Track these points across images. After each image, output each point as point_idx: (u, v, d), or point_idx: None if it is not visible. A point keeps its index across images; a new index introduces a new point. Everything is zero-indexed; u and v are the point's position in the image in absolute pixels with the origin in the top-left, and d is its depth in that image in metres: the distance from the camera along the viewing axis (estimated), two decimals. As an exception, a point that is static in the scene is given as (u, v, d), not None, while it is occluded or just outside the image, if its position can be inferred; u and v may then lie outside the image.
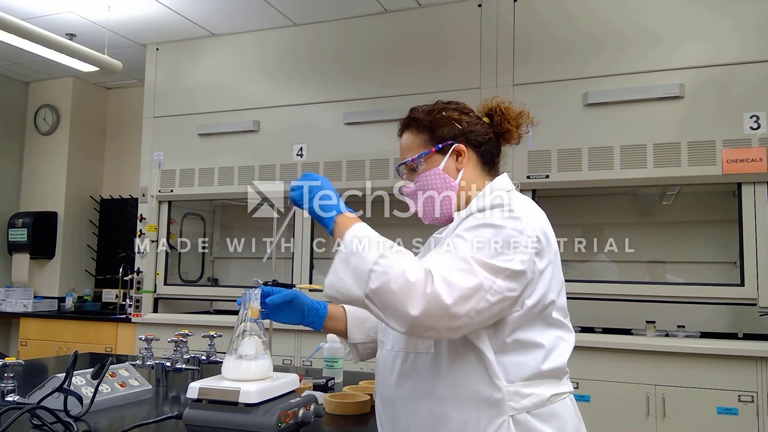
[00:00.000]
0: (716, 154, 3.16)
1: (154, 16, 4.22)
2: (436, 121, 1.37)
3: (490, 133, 1.39)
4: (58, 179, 5.41)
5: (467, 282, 1.07)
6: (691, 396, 3.03)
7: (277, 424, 1.24)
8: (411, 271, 1.06)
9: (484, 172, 1.38)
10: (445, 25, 3.84)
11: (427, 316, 1.05)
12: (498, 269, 1.11)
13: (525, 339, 1.20)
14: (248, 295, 1.37)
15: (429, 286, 1.05)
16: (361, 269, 1.10)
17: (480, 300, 1.08)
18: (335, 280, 1.14)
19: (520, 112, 1.41)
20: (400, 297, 1.05)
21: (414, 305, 1.04)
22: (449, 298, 1.05)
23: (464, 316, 1.07)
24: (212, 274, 4.97)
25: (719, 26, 3.26)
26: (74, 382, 1.51)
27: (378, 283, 1.07)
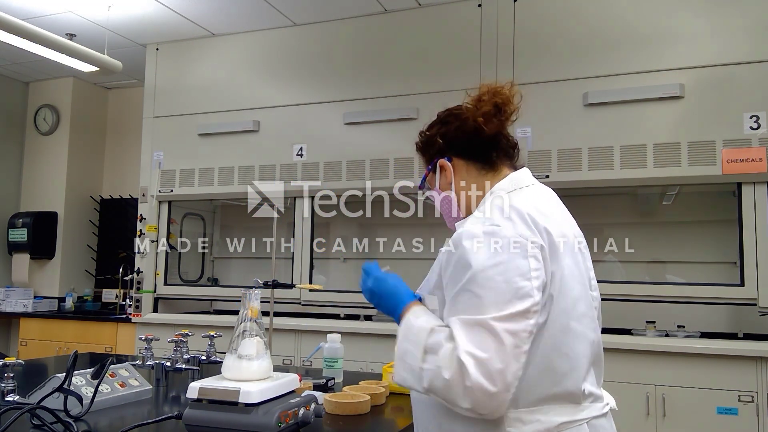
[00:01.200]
0: (716, 154, 3.16)
1: (154, 16, 4.21)
2: (424, 144, 1.43)
3: (469, 132, 1.33)
4: (58, 179, 5.41)
5: (497, 354, 1.06)
6: (691, 396, 3.03)
7: (277, 424, 1.24)
8: (445, 368, 1.08)
9: (484, 170, 1.35)
10: (445, 25, 3.84)
11: (480, 404, 1.06)
12: (521, 314, 1.08)
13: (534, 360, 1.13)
14: (248, 294, 1.38)
15: (467, 379, 1.05)
16: (415, 368, 1.14)
17: (518, 356, 1.07)
18: (400, 379, 1.19)
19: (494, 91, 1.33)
20: (447, 395, 1.09)
21: (461, 400, 1.07)
22: (489, 381, 1.05)
23: (513, 380, 1.07)
24: (212, 274, 4.96)
25: (719, 26, 3.26)
26: (74, 382, 1.51)
27: (427, 383, 1.11)
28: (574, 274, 1.21)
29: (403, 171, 3.77)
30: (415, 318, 1.20)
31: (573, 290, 1.19)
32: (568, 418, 1.15)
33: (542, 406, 1.14)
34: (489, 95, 1.32)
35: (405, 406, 1.74)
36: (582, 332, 1.19)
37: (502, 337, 1.06)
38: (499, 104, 1.32)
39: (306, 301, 3.98)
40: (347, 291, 4.04)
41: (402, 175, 3.75)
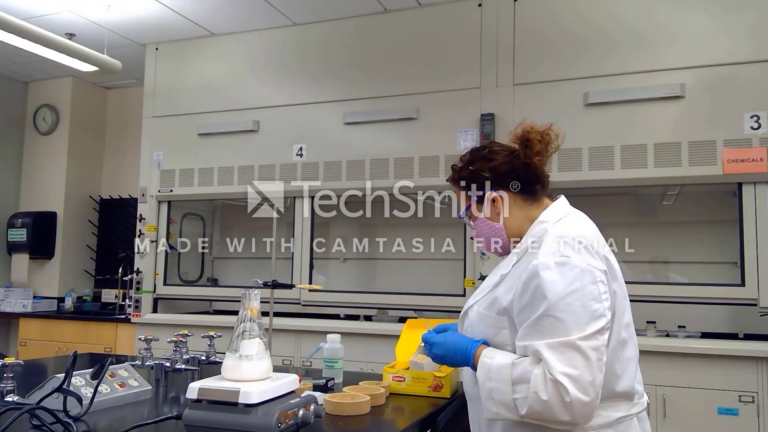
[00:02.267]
0: (717, 154, 3.16)
1: (154, 16, 4.21)
2: (467, 177, 1.55)
3: (518, 168, 1.49)
4: (57, 179, 5.41)
5: (586, 367, 1.23)
6: (691, 396, 3.03)
7: (277, 424, 1.24)
8: (541, 391, 1.23)
9: (527, 202, 1.51)
10: (445, 24, 3.83)
11: (578, 415, 1.23)
12: (599, 332, 1.25)
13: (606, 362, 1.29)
14: (248, 295, 1.37)
15: (566, 395, 1.21)
16: (506, 402, 1.29)
17: (601, 368, 1.25)
18: (493, 414, 1.32)
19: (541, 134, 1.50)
20: (547, 414, 1.24)
21: (562, 414, 1.22)
22: (584, 394, 1.21)
23: (600, 388, 1.24)
24: (212, 274, 4.96)
25: (720, 26, 3.26)
26: (74, 382, 1.51)
27: (525, 410, 1.26)
28: (623, 288, 1.42)
29: (403, 171, 3.77)
30: (490, 359, 1.34)
31: (622, 304, 1.40)
32: (623, 413, 1.35)
33: (605, 404, 1.31)
34: (536, 136, 1.49)
35: (405, 406, 1.73)
36: (630, 339, 1.41)
37: (588, 353, 1.23)
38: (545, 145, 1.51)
39: (306, 302, 3.98)
40: (347, 291, 4.04)
41: (402, 175, 3.75)
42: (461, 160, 1.59)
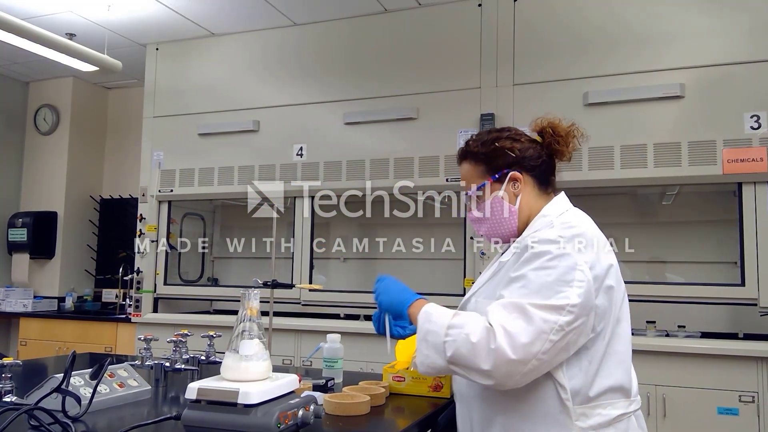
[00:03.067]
0: (717, 154, 3.16)
1: (154, 16, 4.21)
2: (491, 153, 1.49)
3: (543, 155, 1.49)
4: (58, 179, 5.41)
5: (526, 329, 1.21)
6: (691, 396, 3.03)
7: (277, 425, 1.24)
8: (473, 333, 1.23)
9: (540, 192, 1.49)
10: (445, 24, 3.83)
11: (498, 368, 1.20)
12: (556, 308, 1.23)
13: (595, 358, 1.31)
14: (248, 294, 1.37)
15: (492, 342, 1.20)
16: (437, 343, 1.28)
17: (544, 342, 1.21)
18: (423, 357, 1.31)
19: (569, 129, 1.50)
20: (470, 358, 1.22)
21: (483, 361, 1.21)
22: (511, 349, 1.19)
23: (532, 360, 1.21)
24: (212, 274, 4.96)
25: (720, 25, 3.25)
26: (72, 382, 1.51)
27: (452, 350, 1.25)
28: (621, 284, 1.39)
29: (403, 171, 3.77)
30: (434, 307, 1.35)
31: (619, 298, 1.38)
32: (622, 411, 1.34)
33: (601, 401, 1.31)
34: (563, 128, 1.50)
35: (405, 406, 1.73)
36: (625, 333, 1.39)
37: (534, 319, 1.21)
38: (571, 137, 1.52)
39: (306, 301, 3.98)
40: (347, 291, 4.03)
41: (402, 175, 3.75)
42: (481, 136, 1.55)
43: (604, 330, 1.32)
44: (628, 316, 1.42)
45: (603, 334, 1.32)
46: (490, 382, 1.22)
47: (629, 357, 1.41)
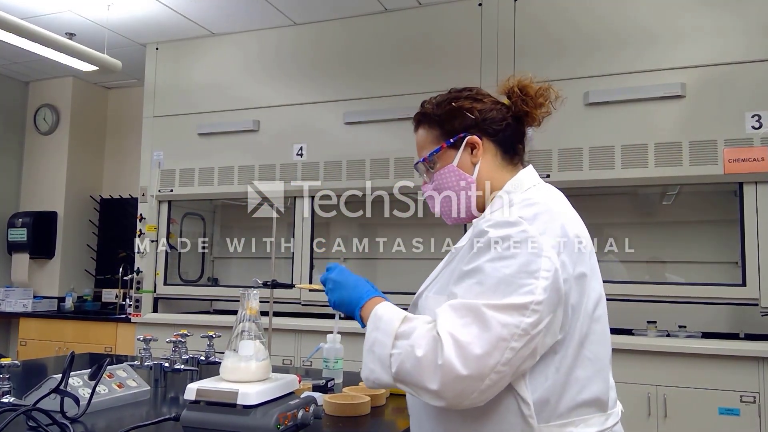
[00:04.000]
0: (718, 154, 3.15)
1: (154, 16, 4.21)
2: (446, 114, 1.29)
3: (508, 117, 1.28)
4: (58, 179, 5.41)
5: (480, 338, 0.99)
6: (692, 396, 3.02)
7: (276, 425, 1.23)
8: (418, 345, 1.03)
9: (504, 162, 1.28)
10: (445, 24, 3.83)
11: (448, 387, 0.99)
12: (517, 307, 1.01)
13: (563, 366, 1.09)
14: (247, 294, 1.36)
15: (440, 357, 0.99)
16: (383, 356, 1.08)
17: (503, 352, 1.00)
18: (368, 372, 1.11)
19: (539, 89, 1.29)
20: (416, 375, 1.02)
21: (430, 380, 1.00)
22: (462, 364, 0.98)
23: (490, 374, 0.99)
24: (212, 274, 4.96)
25: (721, 25, 3.25)
26: (71, 383, 1.50)
27: (396, 366, 1.05)
28: (596, 274, 1.17)
29: (403, 171, 3.76)
30: (384, 309, 1.14)
31: (594, 291, 1.15)
32: (596, 428, 1.11)
33: (573, 419, 1.09)
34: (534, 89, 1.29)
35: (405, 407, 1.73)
36: (602, 334, 1.16)
37: (491, 325, 1.00)
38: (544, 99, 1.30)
39: (306, 301, 3.97)
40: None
41: (402, 175, 3.74)
42: (439, 97, 1.34)
43: (573, 328, 1.09)
44: (605, 314, 1.18)
45: (572, 334, 1.09)
46: (442, 403, 1.02)
47: (608, 363, 1.18)
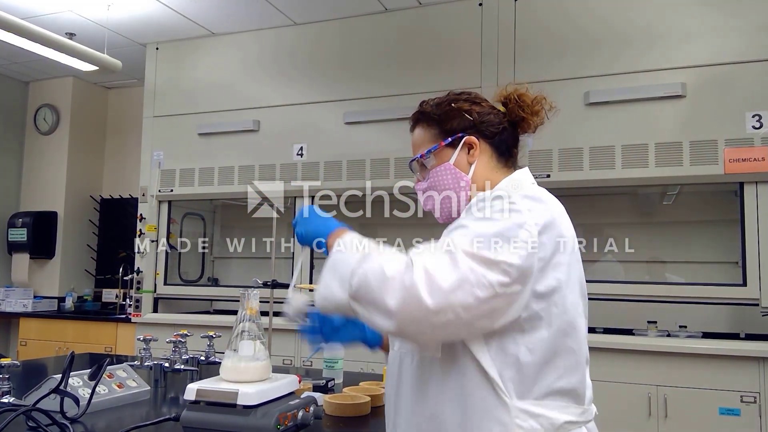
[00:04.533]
0: (718, 154, 3.15)
1: (154, 16, 4.20)
2: (445, 114, 1.33)
3: (504, 122, 1.33)
4: (58, 179, 5.40)
5: (449, 274, 1.00)
6: (693, 396, 3.02)
7: (276, 426, 1.23)
8: (389, 264, 1.02)
9: (500, 164, 1.31)
10: (445, 24, 3.83)
11: (406, 309, 0.99)
12: (489, 262, 1.02)
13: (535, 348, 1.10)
14: (247, 294, 1.36)
15: (407, 278, 0.99)
16: (344, 273, 1.06)
17: (466, 295, 1.00)
18: (323, 289, 1.10)
19: (536, 98, 1.34)
20: (378, 291, 1.01)
21: (391, 296, 0.99)
22: (428, 291, 0.98)
23: (448, 312, 0.99)
24: (212, 274, 4.95)
25: (721, 25, 3.25)
26: (71, 383, 1.50)
27: (357, 281, 1.03)
28: (580, 273, 1.20)
29: (403, 171, 3.76)
30: (353, 235, 1.15)
31: (579, 286, 1.18)
32: (572, 418, 1.13)
33: (548, 401, 1.11)
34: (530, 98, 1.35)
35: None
36: (583, 330, 1.18)
37: (461, 265, 1.01)
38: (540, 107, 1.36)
39: (306, 301, 3.96)
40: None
41: (402, 175, 3.74)
42: (437, 98, 1.38)
43: (550, 315, 1.10)
44: (586, 311, 1.21)
45: (549, 321, 1.10)
46: (391, 324, 1.01)
47: (585, 358, 1.20)
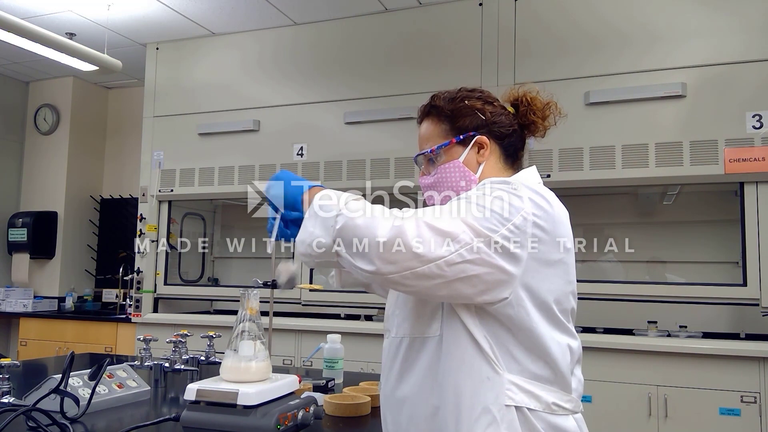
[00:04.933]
0: (718, 154, 3.15)
1: (154, 15, 4.20)
2: (458, 111, 1.31)
3: (514, 124, 1.33)
4: (58, 179, 5.40)
5: (442, 225, 1.01)
6: (693, 396, 3.02)
7: (276, 426, 1.23)
8: (377, 210, 1.04)
9: (506, 165, 1.32)
10: (446, 24, 3.82)
11: (392, 248, 0.98)
12: (480, 232, 1.03)
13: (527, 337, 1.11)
14: (247, 294, 1.36)
15: (398, 220, 1.01)
16: (328, 217, 1.06)
17: (452, 252, 1.00)
18: (305, 235, 1.09)
19: (547, 103, 1.36)
20: (365, 229, 1.01)
21: (379, 233, 0.99)
22: (416, 237, 0.99)
23: (431, 263, 0.99)
24: (212, 274, 4.95)
25: (721, 25, 3.24)
26: (71, 383, 1.50)
27: (343, 221, 1.03)
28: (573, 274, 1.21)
29: (403, 171, 3.76)
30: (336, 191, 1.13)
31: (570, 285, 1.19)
32: (561, 401, 1.13)
33: (538, 383, 1.11)
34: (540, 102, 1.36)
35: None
36: (571, 330, 1.19)
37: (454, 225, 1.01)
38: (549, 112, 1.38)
39: (306, 301, 3.97)
40: (347, 291, 4.02)
41: (402, 175, 3.74)
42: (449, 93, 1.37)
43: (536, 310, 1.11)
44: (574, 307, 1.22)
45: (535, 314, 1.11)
46: (373, 266, 1.00)
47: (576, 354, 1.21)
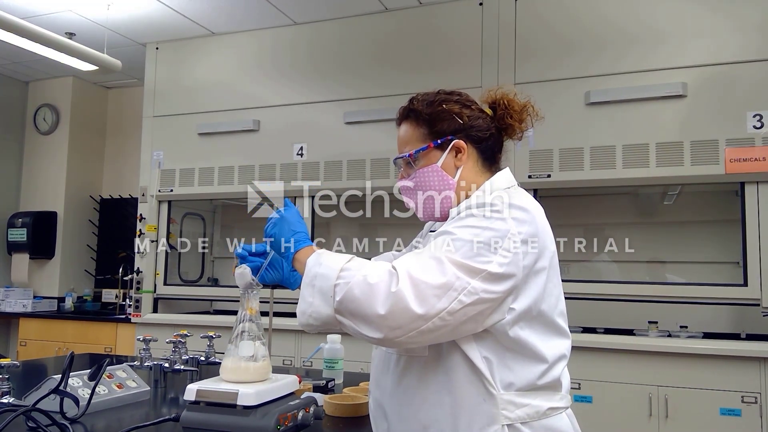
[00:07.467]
0: (719, 154, 3.14)
1: (154, 15, 4.20)
2: (436, 115, 1.32)
3: (492, 128, 1.33)
4: (57, 179, 5.40)
5: (434, 280, 1.04)
6: (693, 397, 3.01)
7: (276, 426, 1.23)
8: (372, 274, 1.06)
9: (484, 168, 1.33)
10: (446, 23, 3.82)
11: (394, 315, 1.02)
12: (473, 270, 1.07)
13: (522, 347, 1.15)
14: (247, 294, 1.36)
15: (393, 285, 1.03)
16: (325, 287, 1.09)
17: (451, 301, 1.05)
18: (305, 306, 1.12)
19: (524, 106, 1.36)
20: (365, 301, 1.04)
21: (379, 305, 1.03)
22: (414, 297, 1.03)
23: (434, 318, 1.04)
24: (212, 274, 4.95)
25: (722, 25, 3.24)
26: (71, 383, 1.50)
27: (342, 293, 1.07)
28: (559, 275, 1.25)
29: (403, 170, 3.75)
30: (329, 253, 1.17)
31: (557, 287, 1.23)
32: (554, 404, 1.18)
33: (531, 392, 1.16)
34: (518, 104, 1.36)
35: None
36: (564, 329, 1.23)
37: (448, 272, 1.05)
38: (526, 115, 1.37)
39: (306, 302, 3.96)
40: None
41: (403, 175, 3.73)
42: (427, 96, 1.38)
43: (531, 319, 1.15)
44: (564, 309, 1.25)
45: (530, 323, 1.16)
46: (379, 333, 1.04)
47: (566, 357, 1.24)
